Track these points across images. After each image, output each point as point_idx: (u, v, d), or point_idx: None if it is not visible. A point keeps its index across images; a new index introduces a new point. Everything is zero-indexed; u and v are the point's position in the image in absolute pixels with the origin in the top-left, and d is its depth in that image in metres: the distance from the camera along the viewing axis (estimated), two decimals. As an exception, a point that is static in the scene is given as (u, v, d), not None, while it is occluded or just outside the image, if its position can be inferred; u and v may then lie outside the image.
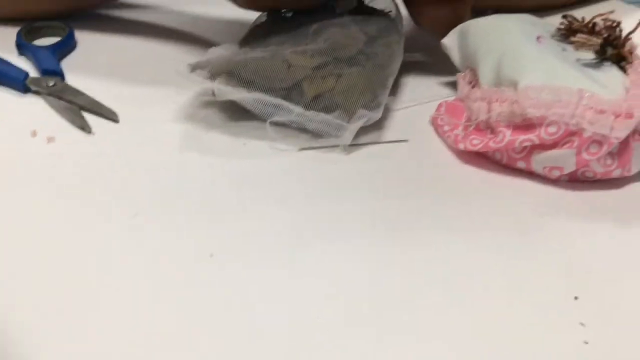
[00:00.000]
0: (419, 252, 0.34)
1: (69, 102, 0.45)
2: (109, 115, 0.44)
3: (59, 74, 0.48)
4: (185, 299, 0.31)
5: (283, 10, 0.49)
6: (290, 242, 0.34)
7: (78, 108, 0.45)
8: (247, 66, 0.42)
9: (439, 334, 0.29)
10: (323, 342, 0.29)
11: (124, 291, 0.31)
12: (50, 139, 0.42)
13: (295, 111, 0.41)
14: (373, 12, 0.49)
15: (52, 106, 0.45)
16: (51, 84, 0.47)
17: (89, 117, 0.44)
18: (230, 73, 0.42)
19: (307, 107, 0.41)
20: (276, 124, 0.41)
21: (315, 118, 0.41)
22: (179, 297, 0.31)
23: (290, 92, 0.42)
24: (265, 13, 0.49)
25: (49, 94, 0.46)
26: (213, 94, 0.42)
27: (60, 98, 0.45)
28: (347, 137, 0.41)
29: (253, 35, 0.49)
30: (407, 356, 0.28)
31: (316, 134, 0.42)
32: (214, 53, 0.45)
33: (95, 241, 0.34)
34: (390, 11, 0.49)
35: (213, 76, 0.42)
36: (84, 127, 0.43)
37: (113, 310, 0.30)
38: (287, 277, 0.32)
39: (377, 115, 0.42)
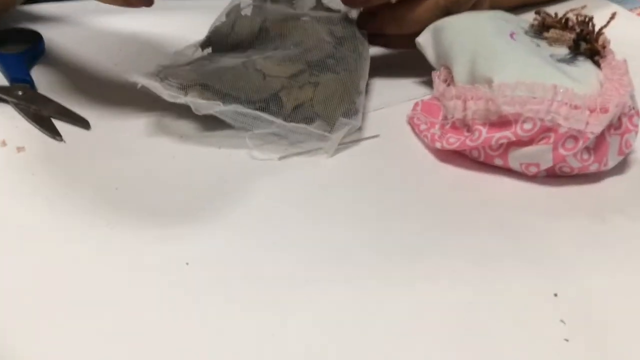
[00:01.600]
0: (402, 253, 0.34)
1: (39, 110, 0.44)
2: (80, 123, 0.43)
3: (29, 82, 0.47)
4: (158, 313, 0.30)
5: (242, 9, 0.48)
6: (274, 256, 0.34)
7: (48, 116, 0.44)
8: (221, 78, 0.41)
9: (416, 332, 0.29)
10: None
11: (96, 303, 0.31)
12: (20, 149, 0.41)
13: (275, 122, 0.40)
14: (331, 12, 0.48)
15: (22, 115, 0.44)
16: (20, 92, 0.46)
17: (60, 125, 0.43)
18: (204, 86, 0.41)
19: (287, 118, 0.41)
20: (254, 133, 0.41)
21: (297, 129, 0.40)
22: (153, 313, 0.30)
23: (269, 103, 0.41)
24: (225, 12, 0.48)
25: (18, 103, 0.45)
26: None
27: (29, 106, 0.45)
28: (330, 146, 0.40)
29: (215, 36, 0.47)
30: (389, 350, 0.28)
31: (295, 141, 0.41)
32: (179, 58, 0.44)
33: (68, 251, 0.33)
34: (349, 10, 0.49)
35: (185, 89, 0.41)
36: (55, 135, 0.42)
37: (86, 326, 0.30)
38: (271, 287, 0.32)
39: (357, 122, 0.42)
